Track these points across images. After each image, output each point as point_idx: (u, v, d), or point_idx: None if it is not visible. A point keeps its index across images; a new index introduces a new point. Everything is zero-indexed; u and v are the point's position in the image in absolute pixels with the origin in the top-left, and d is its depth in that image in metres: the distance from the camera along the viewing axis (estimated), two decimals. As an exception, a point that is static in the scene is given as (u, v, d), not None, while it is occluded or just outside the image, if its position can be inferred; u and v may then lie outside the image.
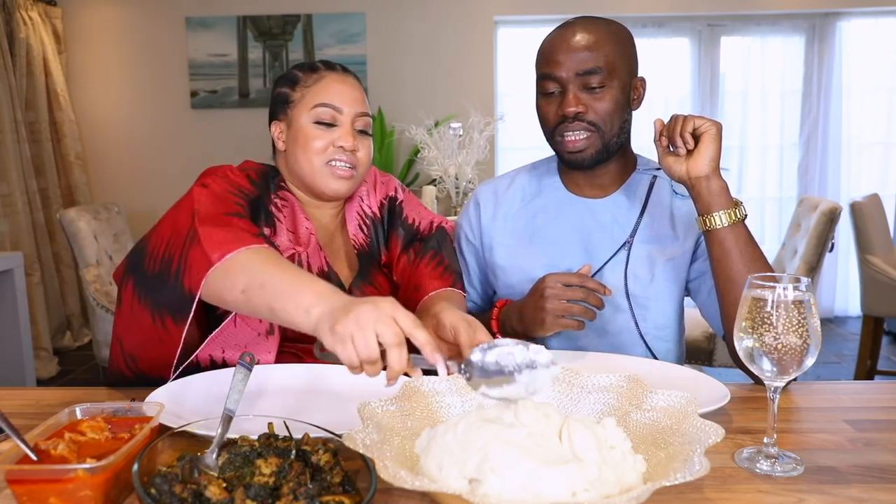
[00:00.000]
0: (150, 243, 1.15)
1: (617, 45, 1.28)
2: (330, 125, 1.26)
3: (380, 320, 0.81)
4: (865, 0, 4.62)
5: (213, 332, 1.18)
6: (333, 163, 1.26)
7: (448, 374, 0.84)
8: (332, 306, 0.87)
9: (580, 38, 1.26)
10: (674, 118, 1.19)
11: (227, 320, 1.18)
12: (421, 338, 0.83)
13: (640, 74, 1.35)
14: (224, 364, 1.21)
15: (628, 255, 1.35)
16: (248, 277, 0.98)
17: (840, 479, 0.84)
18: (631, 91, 1.32)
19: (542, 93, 1.31)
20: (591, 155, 1.30)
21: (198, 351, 1.18)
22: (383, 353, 0.83)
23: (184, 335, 1.10)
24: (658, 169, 1.40)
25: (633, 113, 1.35)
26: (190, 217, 1.10)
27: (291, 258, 1.24)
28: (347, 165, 1.27)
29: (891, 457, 0.90)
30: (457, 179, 3.11)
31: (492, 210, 1.45)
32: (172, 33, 4.74)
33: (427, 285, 1.31)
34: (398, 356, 0.82)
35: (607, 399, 0.91)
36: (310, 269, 1.26)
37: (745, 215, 1.18)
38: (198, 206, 1.11)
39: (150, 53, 4.78)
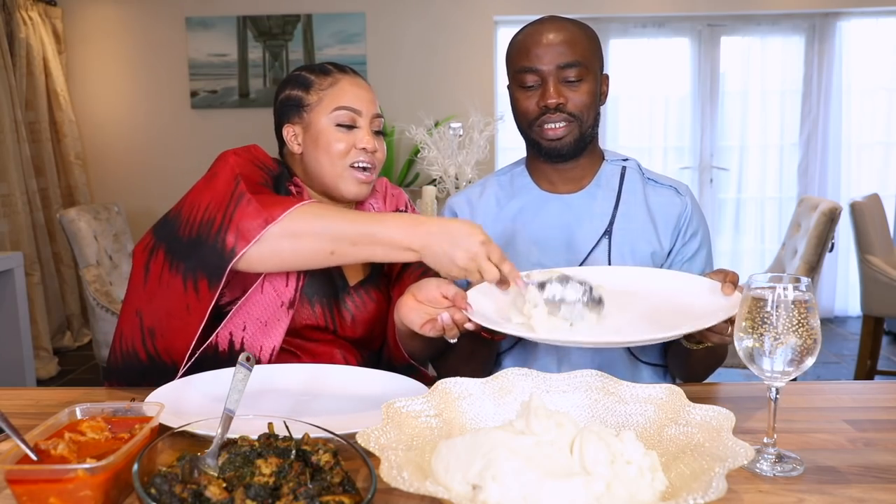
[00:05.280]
0: (182, 212, 1.17)
1: (589, 42, 1.33)
2: (350, 127, 1.28)
3: (489, 241, 1.06)
4: (865, 0, 4.62)
5: (239, 302, 1.20)
6: (357, 164, 1.28)
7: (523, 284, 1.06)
8: (436, 223, 1.09)
9: (557, 33, 1.30)
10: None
11: (252, 288, 1.20)
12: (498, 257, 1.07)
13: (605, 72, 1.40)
14: (243, 347, 1.22)
15: (609, 244, 1.36)
16: (335, 227, 1.09)
17: (840, 479, 0.84)
18: (600, 86, 1.36)
19: (520, 87, 1.34)
20: (570, 143, 1.33)
21: (219, 328, 1.19)
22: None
23: (212, 304, 1.13)
24: (626, 159, 1.43)
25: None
26: (231, 182, 1.15)
27: None
28: (368, 165, 1.29)
29: (891, 457, 0.90)
30: (457, 179, 3.10)
31: (469, 218, 1.44)
32: (172, 33, 4.74)
33: None
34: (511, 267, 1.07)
35: (645, 410, 0.89)
36: None
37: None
38: (240, 171, 1.17)
39: (150, 53, 4.78)
